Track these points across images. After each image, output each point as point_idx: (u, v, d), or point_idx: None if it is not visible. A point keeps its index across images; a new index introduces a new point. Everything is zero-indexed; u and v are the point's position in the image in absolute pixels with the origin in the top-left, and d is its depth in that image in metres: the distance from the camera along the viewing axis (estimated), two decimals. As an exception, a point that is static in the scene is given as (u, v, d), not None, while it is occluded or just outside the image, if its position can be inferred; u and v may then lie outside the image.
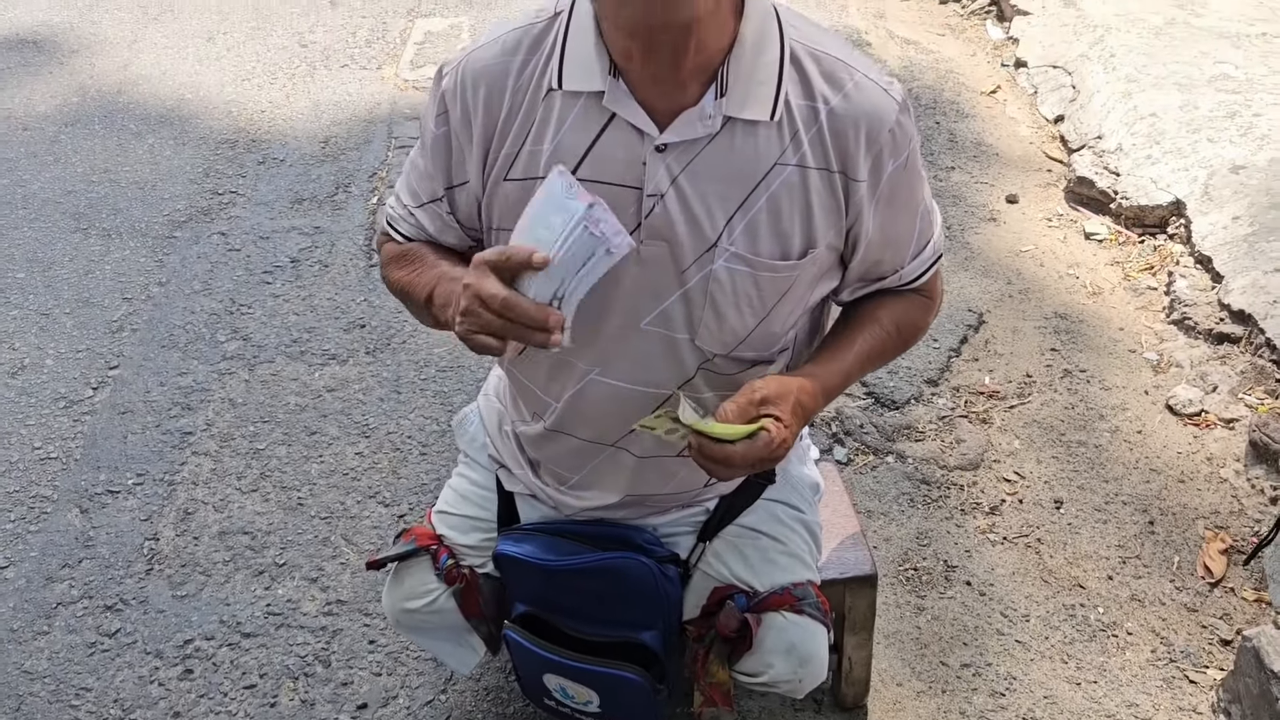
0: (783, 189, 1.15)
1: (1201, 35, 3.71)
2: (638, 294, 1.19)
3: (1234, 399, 2.38)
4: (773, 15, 1.15)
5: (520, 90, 1.18)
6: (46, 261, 3.02)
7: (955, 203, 3.20)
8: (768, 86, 1.12)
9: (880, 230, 1.21)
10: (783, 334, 1.25)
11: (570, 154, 1.15)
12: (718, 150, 1.13)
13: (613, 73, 1.12)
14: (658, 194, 1.14)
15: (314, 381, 2.58)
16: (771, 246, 1.17)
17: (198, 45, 4.28)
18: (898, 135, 1.16)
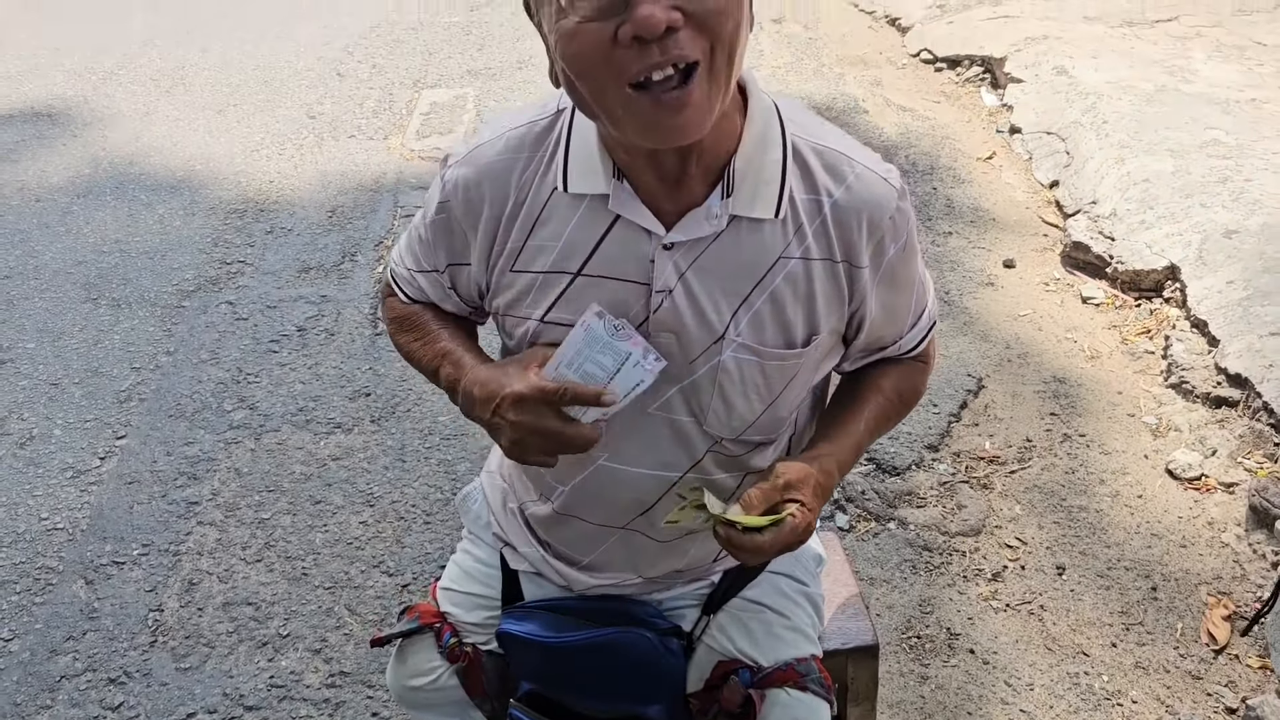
0: (786, 281, 1.17)
1: (1192, 102, 3.78)
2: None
3: (1233, 463, 2.40)
4: (774, 112, 1.17)
5: (524, 187, 1.20)
6: (57, 331, 3.06)
7: (953, 268, 3.24)
8: (773, 185, 1.14)
9: (882, 309, 1.24)
10: (788, 416, 1.28)
11: (578, 252, 1.18)
12: (724, 247, 1.16)
13: (617, 175, 1.14)
14: (666, 290, 1.16)
15: (319, 450, 2.60)
16: (776, 336, 1.19)
17: (208, 117, 4.37)
18: (898, 221, 1.19)
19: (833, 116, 4.20)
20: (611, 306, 1.17)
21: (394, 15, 5.47)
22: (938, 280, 3.17)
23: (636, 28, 0.94)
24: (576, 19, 0.97)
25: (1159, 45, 4.37)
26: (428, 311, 1.37)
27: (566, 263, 1.18)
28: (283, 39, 5.18)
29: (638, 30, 0.94)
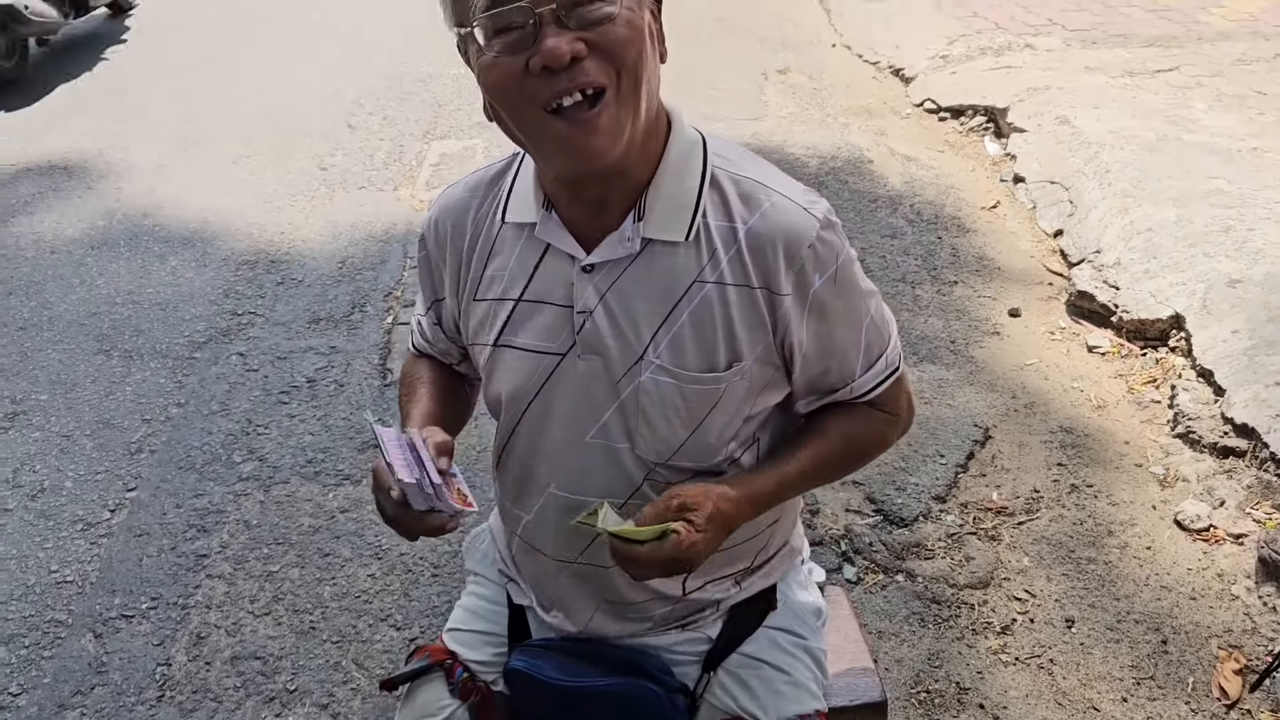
0: (703, 305, 1.21)
1: (1194, 151, 3.81)
2: (579, 407, 1.26)
3: (1241, 514, 2.39)
4: (699, 146, 1.23)
5: (479, 223, 1.30)
6: (69, 383, 3.09)
7: (959, 316, 3.26)
8: (686, 210, 1.20)
9: (816, 342, 1.25)
10: (721, 445, 1.28)
11: (519, 279, 1.26)
12: (639, 269, 1.21)
13: (546, 205, 1.23)
14: (587, 310, 1.22)
15: (328, 502, 2.61)
16: (697, 360, 1.22)
17: (222, 169, 4.44)
18: (820, 251, 1.21)
19: (838, 166, 4.25)
20: (544, 329, 1.25)
21: (404, 68, 5.56)
22: (944, 329, 3.18)
23: (544, 58, 1.04)
24: (494, 53, 1.07)
25: (1160, 95, 4.42)
26: (421, 368, 1.46)
27: (511, 290, 1.27)
28: (295, 92, 5.26)
29: (545, 61, 1.04)
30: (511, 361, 1.29)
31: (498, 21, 1.06)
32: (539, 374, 1.27)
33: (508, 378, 1.30)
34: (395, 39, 5.98)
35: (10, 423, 2.94)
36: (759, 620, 1.46)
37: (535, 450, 1.31)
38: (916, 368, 3.01)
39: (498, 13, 1.05)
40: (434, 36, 5.92)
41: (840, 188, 4.07)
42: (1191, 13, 5.60)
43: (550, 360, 1.26)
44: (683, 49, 5.76)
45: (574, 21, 1.05)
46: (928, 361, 3.04)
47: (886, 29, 5.68)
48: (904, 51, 5.35)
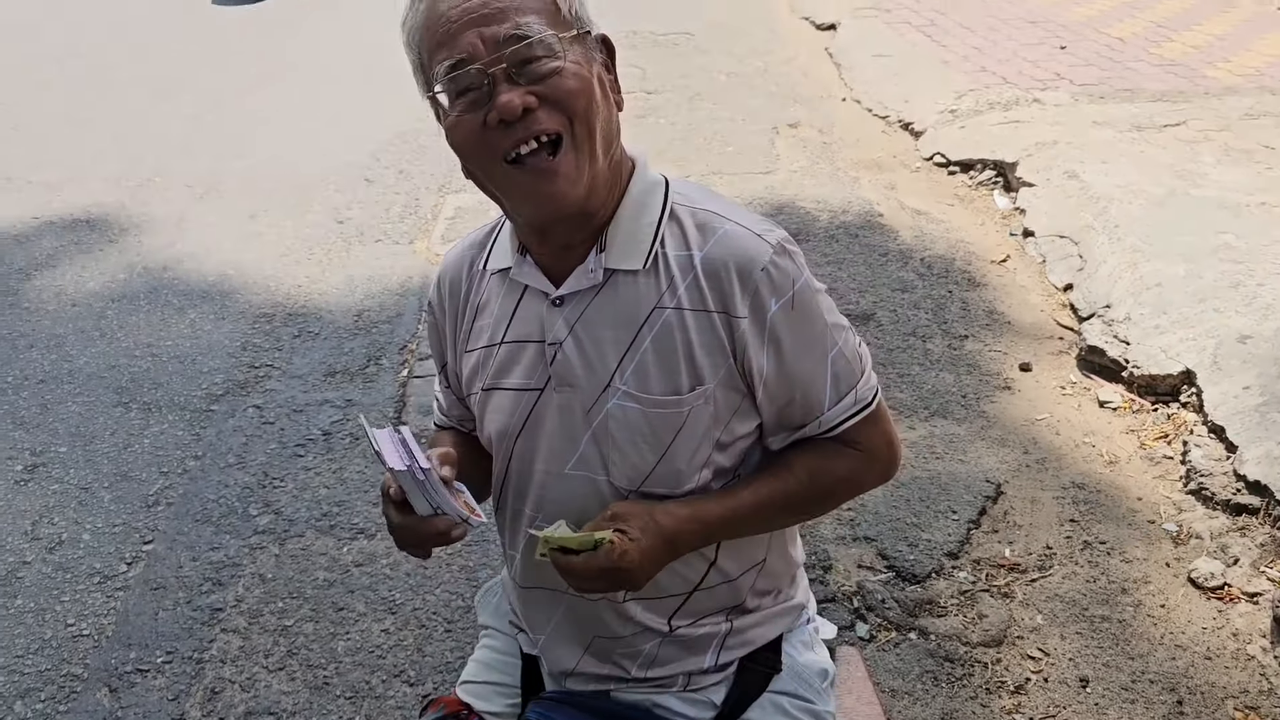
0: (664, 330, 1.26)
1: (1202, 206, 3.85)
2: (557, 439, 1.32)
3: (1256, 572, 2.39)
4: (661, 187, 1.31)
5: (473, 276, 1.40)
6: (88, 435, 3.13)
7: (970, 371, 3.27)
8: (644, 242, 1.27)
9: (777, 368, 1.27)
10: (691, 472, 1.30)
11: (502, 323, 1.35)
12: (604, 299, 1.28)
13: (520, 250, 1.32)
14: (557, 342, 1.29)
15: (343, 556, 2.62)
16: (660, 384, 1.26)
17: (240, 222, 4.51)
18: (774, 275, 1.24)
19: (849, 220, 4.29)
20: (525, 368, 1.33)
21: (419, 122, 5.64)
22: (955, 383, 3.20)
23: (499, 112, 1.15)
24: (456, 113, 1.19)
25: (1168, 149, 4.46)
26: (445, 439, 1.50)
27: (495, 334, 1.35)
28: (314, 146, 5.35)
29: (500, 114, 1.15)
30: (498, 402, 1.36)
31: (458, 84, 1.17)
32: (520, 411, 1.34)
33: (495, 418, 1.36)
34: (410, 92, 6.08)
35: (30, 475, 2.97)
36: (764, 684, 1.47)
37: (523, 486, 1.37)
38: (928, 422, 3.02)
39: (456, 75, 1.17)
40: (450, 91, 6.04)
41: (851, 241, 4.11)
42: (1198, 67, 5.67)
43: (530, 396, 1.32)
44: (694, 105, 5.86)
45: (524, 78, 1.17)
46: (939, 416, 3.05)
47: (896, 83, 5.76)
48: (913, 106, 5.42)
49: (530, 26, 1.16)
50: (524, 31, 1.16)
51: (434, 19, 1.18)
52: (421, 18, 1.20)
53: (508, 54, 1.15)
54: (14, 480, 2.95)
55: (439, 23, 1.18)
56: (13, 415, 3.24)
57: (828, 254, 3.99)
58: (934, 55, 6.15)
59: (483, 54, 1.15)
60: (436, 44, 1.18)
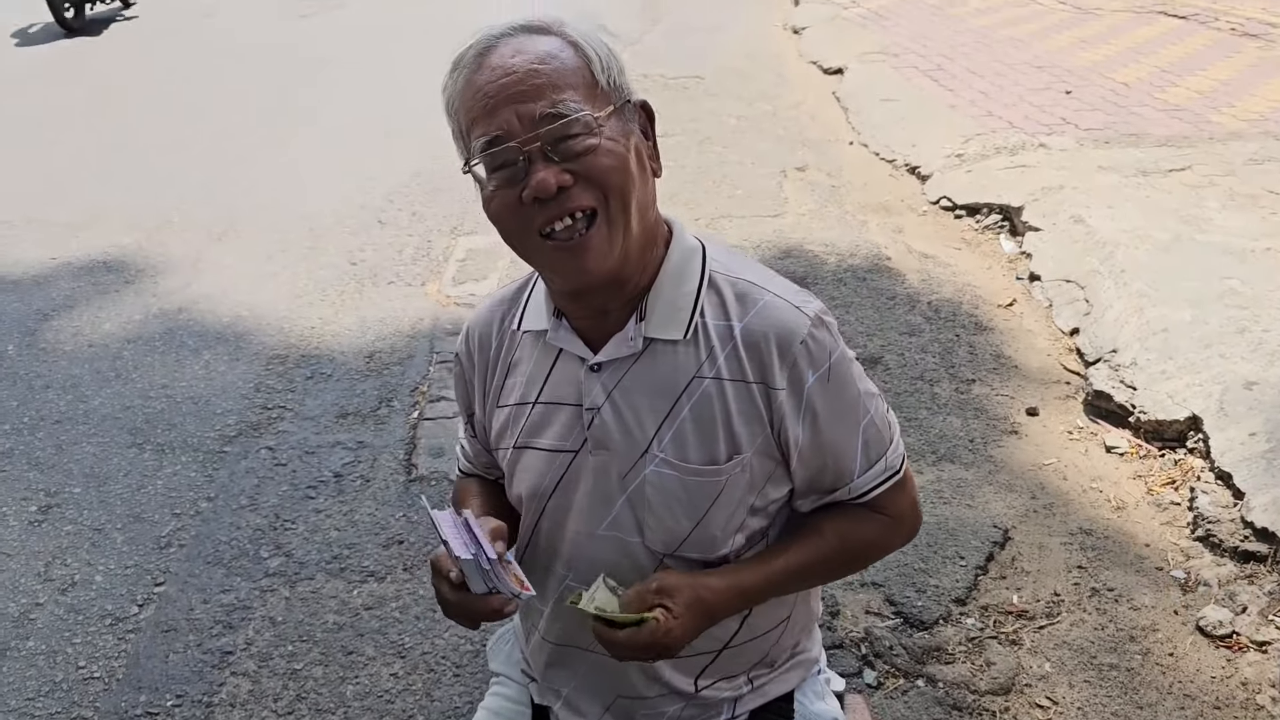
0: (703, 400, 1.28)
1: (1208, 251, 3.87)
2: (591, 500, 1.33)
3: (1264, 620, 2.38)
4: (698, 253, 1.32)
5: (503, 334, 1.42)
6: (102, 476, 3.16)
7: (977, 415, 3.29)
8: (684, 311, 1.29)
9: (812, 438, 1.30)
10: (725, 537, 1.32)
11: (535, 383, 1.36)
12: (642, 367, 1.29)
13: (555, 314, 1.33)
14: (595, 407, 1.30)
15: (352, 599, 2.64)
16: (699, 453, 1.28)
17: (256, 264, 4.57)
18: (812, 348, 1.27)
19: (856, 264, 4.33)
20: (560, 430, 1.33)
21: (433, 164, 5.72)
22: (962, 427, 3.21)
23: (533, 190, 1.16)
24: (493, 187, 1.20)
25: (1173, 194, 4.50)
26: (472, 486, 1.54)
27: (529, 394, 1.36)
28: (329, 188, 5.43)
29: (534, 193, 1.17)
30: (530, 462, 1.37)
31: (494, 160, 1.18)
32: (554, 472, 1.35)
33: (526, 477, 1.37)
34: (424, 135, 6.17)
35: (44, 515, 3.00)
36: None
37: (554, 545, 1.38)
38: (935, 466, 3.03)
39: (493, 152, 1.18)
40: (462, 134, 6.12)
41: (859, 285, 4.14)
42: (1203, 112, 5.72)
43: (565, 458, 1.33)
44: (703, 148, 5.93)
45: (560, 155, 1.17)
46: (946, 461, 3.06)
47: (903, 128, 5.82)
48: (920, 150, 5.47)
49: (567, 104, 1.16)
50: (560, 110, 1.16)
51: (472, 92, 1.19)
52: (460, 88, 1.21)
53: (543, 132, 1.16)
54: (28, 521, 2.98)
55: (477, 96, 1.18)
56: (28, 456, 3.28)
57: (835, 297, 4.02)
58: (941, 100, 6.22)
59: (519, 131, 1.16)
60: (474, 118, 1.19)
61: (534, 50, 1.19)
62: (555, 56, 1.19)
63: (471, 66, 1.20)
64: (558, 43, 1.21)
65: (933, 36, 7.78)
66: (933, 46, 7.46)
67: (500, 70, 1.18)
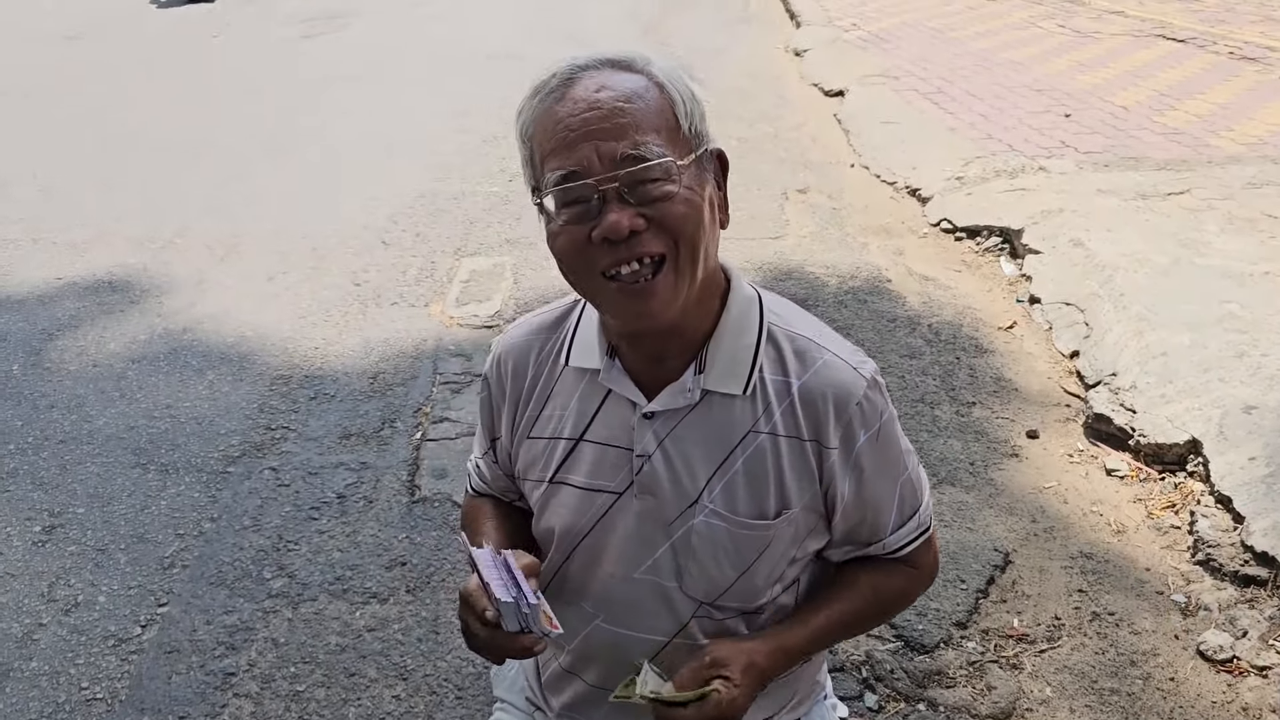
0: (757, 454, 1.28)
1: (1207, 275, 3.89)
2: (632, 543, 1.33)
3: (1265, 645, 2.39)
4: (755, 304, 1.32)
5: (541, 363, 1.39)
6: (106, 497, 3.17)
7: (977, 438, 3.30)
8: (744, 365, 1.28)
9: (856, 494, 1.32)
10: (766, 587, 1.34)
11: (580, 420, 1.34)
12: (697, 418, 1.29)
13: (609, 354, 1.32)
14: (646, 454, 1.30)
15: (355, 621, 2.65)
16: (749, 506, 1.29)
17: (259, 285, 4.59)
18: (866, 409, 1.29)
19: (857, 285, 4.35)
20: (602, 469, 1.32)
21: (437, 185, 5.76)
22: (962, 450, 3.23)
23: (605, 231, 1.14)
24: (561, 222, 1.18)
25: (1172, 218, 4.52)
26: (483, 503, 1.53)
27: (572, 429, 1.34)
28: (333, 208, 5.46)
29: (606, 234, 1.14)
30: (566, 498, 1.36)
31: (566, 195, 1.16)
32: (594, 511, 1.34)
33: (562, 513, 1.37)
34: (428, 156, 6.21)
35: (48, 535, 3.01)
36: None
37: (585, 583, 1.38)
38: (936, 489, 3.04)
39: (567, 188, 1.16)
40: (466, 155, 6.16)
41: (860, 307, 4.16)
42: (1202, 136, 5.76)
43: (606, 498, 1.33)
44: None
45: (635, 198, 1.15)
46: (947, 484, 3.07)
47: (904, 150, 5.85)
48: (921, 172, 5.50)
49: (649, 148, 1.14)
50: (642, 153, 1.14)
51: (552, 122, 1.17)
52: (539, 115, 1.19)
53: (623, 174, 1.13)
54: (32, 541, 2.99)
55: (557, 127, 1.16)
56: (33, 476, 3.29)
57: (836, 320, 4.04)
58: (941, 122, 6.26)
59: (598, 170, 1.14)
60: (551, 149, 1.17)
61: (620, 87, 1.17)
62: (641, 96, 1.17)
63: (554, 95, 1.18)
64: (644, 82, 1.19)
65: (933, 59, 7.83)
66: (933, 69, 7.51)
67: (584, 104, 1.15)
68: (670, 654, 1.35)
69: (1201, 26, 8.55)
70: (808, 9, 10.01)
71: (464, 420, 3.49)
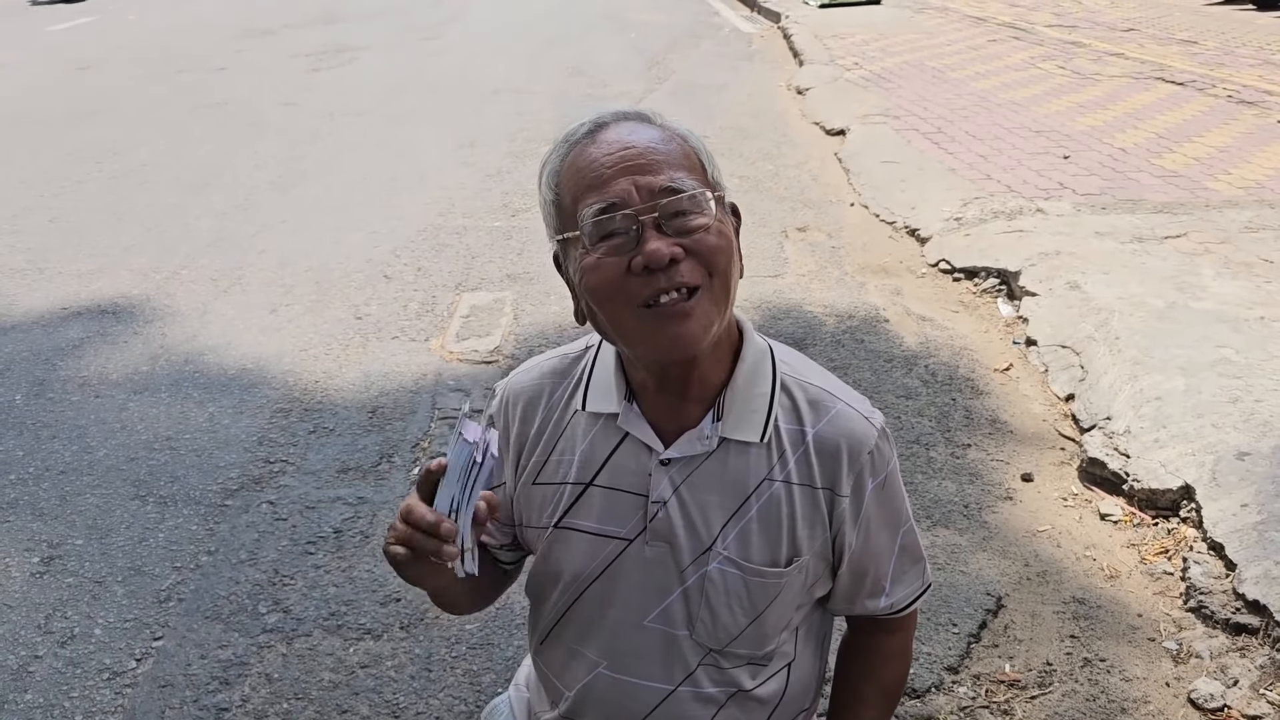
0: (771, 502, 1.31)
1: (1202, 319, 3.92)
2: (643, 590, 1.34)
3: (1255, 694, 2.39)
4: (768, 355, 1.35)
5: (552, 408, 1.39)
6: (104, 529, 3.19)
7: (972, 480, 3.32)
8: (759, 414, 1.31)
9: (863, 543, 1.36)
10: (775, 635, 1.36)
11: (592, 464, 1.35)
12: (714, 465, 1.31)
13: (628, 398, 1.33)
14: (661, 501, 1.31)
15: (348, 657, 2.65)
16: (762, 554, 1.31)
17: (261, 316, 4.63)
18: (876, 458, 1.33)
19: (855, 325, 4.38)
20: (612, 514, 1.32)
21: (440, 220, 5.82)
22: (957, 492, 3.24)
23: (646, 259, 1.17)
24: (598, 255, 1.20)
25: (1169, 261, 4.56)
26: None
27: (581, 474, 1.35)
28: (336, 242, 5.51)
29: (647, 261, 1.17)
30: (574, 543, 1.36)
31: (603, 228, 1.19)
32: (604, 556, 1.35)
33: (570, 558, 1.37)
34: (432, 190, 6.27)
35: (46, 567, 3.02)
36: None
37: (589, 629, 1.38)
38: (930, 532, 3.05)
39: (604, 219, 1.19)
40: (469, 190, 6.22)
41: (857, 346, 4.19)
42: (1199, 179, 5.81)
43: (617, 545, 1.34)
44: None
45: (672, 229, 1.19)
46: (941, 526, 3.08)
47: (903, 190, 5.91)
48: (919, 212, 5.56)
49: (683, 181, 1.20)
50: (678, 185, 1.19)
51: (585, 163, 1.21)
52: (569, 161, 1.23)
53: (662, 204, 1.18)
54: (30, 572, 3.00)
55: (591, 167, 1.21)
56: (32, 506, 3.31)
57: (834, 359, 4.07)
58: (941, 162, 6.32)
59: (636, 201, 1.18)
60: (586, 187, 1.20)
61: (647, 134, 1.23)
62: (668, 142, 1.24)
63: (585, 141, 1.23)
64: (668, 132, 1.26)
65: (933, 99, 7.91)
66: (934, 109, 7.59)
67: (619, 144, 1.21)
68: (674, 704, 1.36)
69: (1201, 70, 8.64)
70: (810, 48, 10.13)
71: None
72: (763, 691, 1.39)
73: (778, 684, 1.41)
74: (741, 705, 1.38)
